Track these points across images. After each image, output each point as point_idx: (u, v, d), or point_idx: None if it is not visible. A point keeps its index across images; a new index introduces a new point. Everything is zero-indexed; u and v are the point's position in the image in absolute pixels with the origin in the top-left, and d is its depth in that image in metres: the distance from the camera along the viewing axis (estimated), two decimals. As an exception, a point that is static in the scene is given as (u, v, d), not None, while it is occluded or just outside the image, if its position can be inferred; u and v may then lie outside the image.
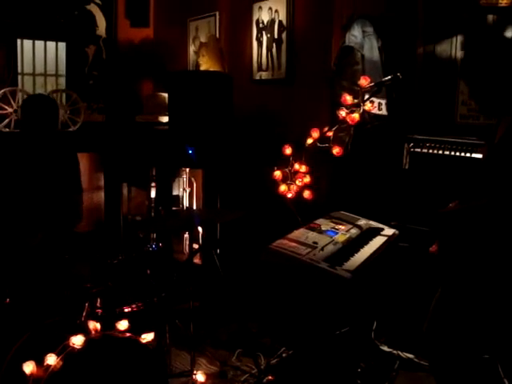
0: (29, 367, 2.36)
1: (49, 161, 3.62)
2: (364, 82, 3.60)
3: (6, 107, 5.01)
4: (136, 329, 2.68)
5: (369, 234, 3.47)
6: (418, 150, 3.79)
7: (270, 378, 3.43)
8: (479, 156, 3.28)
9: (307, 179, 3.80)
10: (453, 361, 2.53)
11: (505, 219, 2.36)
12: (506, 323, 2.45)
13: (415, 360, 3.64)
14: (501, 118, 2.51)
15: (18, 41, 5.52)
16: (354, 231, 3.45)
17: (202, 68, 5.05)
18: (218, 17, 5.28)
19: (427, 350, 2.70)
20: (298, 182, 3.77)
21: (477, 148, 3.48)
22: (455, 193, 2.71)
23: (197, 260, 4.97)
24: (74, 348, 2.43)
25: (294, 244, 3.06)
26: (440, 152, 3.70)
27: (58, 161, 3.67)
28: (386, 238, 3.45)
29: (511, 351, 2.56)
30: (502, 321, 2.45)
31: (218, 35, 5.25)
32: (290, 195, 3.78)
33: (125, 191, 5.63)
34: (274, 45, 4.65)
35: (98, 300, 2.92)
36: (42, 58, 5.71)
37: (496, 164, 2.41)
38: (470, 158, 3.54)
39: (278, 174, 3.78)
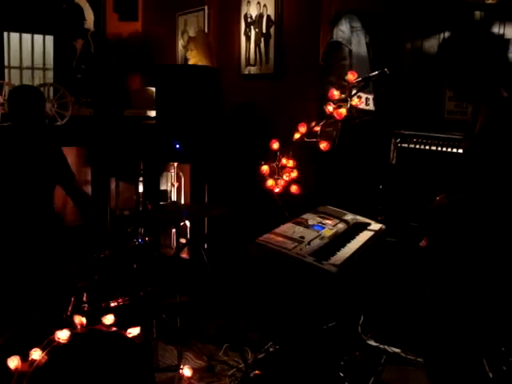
0: (13, 362, 2.35)
1: (38, 152, 3.60)
2: (351, 77, 3.61)
3: (-7, 100, 4.99)
4: (122, 323, 2.67)
5: (356, 229, 3.47)
6: (405, 145, 3.79)
7: (256, 372, 3.44)
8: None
9: (294, 174, 3.82)
10: (445, 357, 2.55)
11: (488, 210, 2.38)
12: (495, 318, 2.47)
13: (402, 354, 3.66)
14: (477, 107, 2.53)
15: (5, 34, 5.50)
16: (341, 226, 3.45)
17: (191, 62, 5.04)
18: (206, 11, 5.28)
19: (420, 345, 2.72)
20: (286, 177, 3.79)
21: (463, 143, 3.49)
22: (442, 188, 2.73)
23: (184, 255, 4.96)
24: (59, 343, 2.42)
25: (280, 238, 3.06)
26: (427, 147, 3.71)
27: (45, 152, 3.65)
28: (372, 233, 3.45)
29: (496, 344, 2.59)
30: (492, 315, 2.47)
31: (206, 30, 5.25)
32: (277, 190, 3.79)
33: (113, 186, 5.61)
34: (263, 39, 4.65)
35: (84, 294, 2.90)
36: (29, 51, 5.69)
37: (476, 156, 2.43)
38: (457, 153, 3.55)
39: (265, 168, 3.79)
